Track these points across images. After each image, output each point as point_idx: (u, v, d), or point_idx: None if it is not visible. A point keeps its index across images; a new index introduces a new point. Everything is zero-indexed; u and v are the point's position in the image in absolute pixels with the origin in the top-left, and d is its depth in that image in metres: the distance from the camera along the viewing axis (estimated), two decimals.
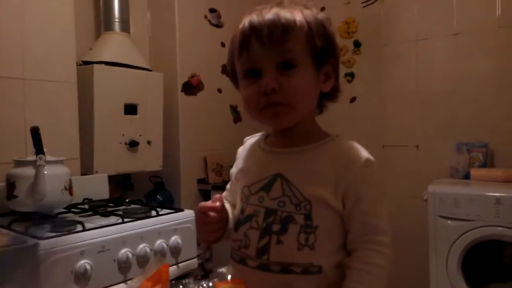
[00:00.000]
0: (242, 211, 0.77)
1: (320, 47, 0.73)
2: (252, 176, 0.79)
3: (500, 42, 2.15)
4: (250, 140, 0.88)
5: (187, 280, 0.61)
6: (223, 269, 0.69)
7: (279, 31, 0.70)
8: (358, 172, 0.72)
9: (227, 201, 0.85)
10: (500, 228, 1.76)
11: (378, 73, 2.53)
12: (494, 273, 1.93)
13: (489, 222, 1.79)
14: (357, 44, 2.58)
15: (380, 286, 0.69)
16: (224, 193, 0.88)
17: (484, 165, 2.13)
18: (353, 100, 2.60)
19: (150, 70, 2.14)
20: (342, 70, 2.61)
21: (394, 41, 2.47)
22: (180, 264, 1.53)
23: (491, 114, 2.17)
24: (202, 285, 0.60)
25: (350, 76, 2.61)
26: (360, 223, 0.72)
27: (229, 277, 0.74)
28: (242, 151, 0.88)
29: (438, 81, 2.32)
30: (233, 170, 0.88)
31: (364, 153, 0.74)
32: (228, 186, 0.90)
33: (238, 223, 0.77)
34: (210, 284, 0.60)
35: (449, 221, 1.89)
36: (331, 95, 0.80)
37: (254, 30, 0.71)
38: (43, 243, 1.20)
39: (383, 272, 0.70)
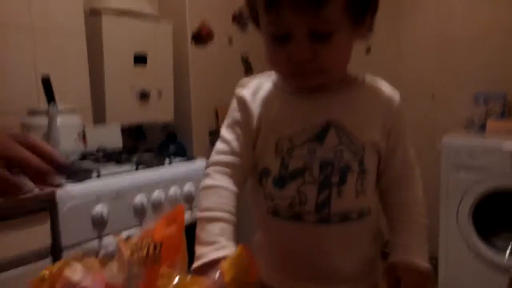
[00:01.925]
0: (284, 165, 0.69)
1: (360, 3, 0.64)
2: (289, 126, 0.70)
3: None
4: (258, 83, 0.76)
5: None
6: None
7: None
8: (397, 110, 0.74)
9: (225, 163, 0.71)
10: None
11: (396, 20, 2.43)
12: (504, 223, 1.94)
13: (503, 174, 1.78)
14: None
15: (424, 213, 0.77)
16: (225, 148, 0.73)
17: (501, 116, 2.08)
18: (368, 50, 2.52)
19: (158, 18, 2.09)
20: None
21: None
22: (194, 210, 1.56)
23: (511, 64, 2.09)
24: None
25: None
26: (400, 160, 0.74)
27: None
28: (252, 96, 0.74)
29: (458, 29, 2.23)
30: (242, 119, 0.73)
31: (396, 92, 0.75)
32: (229, 136, 0.73)
33: (282, 179, 0.70)
34: None
35: (462, 172, 1.88)
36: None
37: None
38: (60, 190, 1.22)
39: (424, 200, 0.77)
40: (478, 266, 1.86)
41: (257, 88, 0.75)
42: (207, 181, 0.70)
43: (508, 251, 1.86)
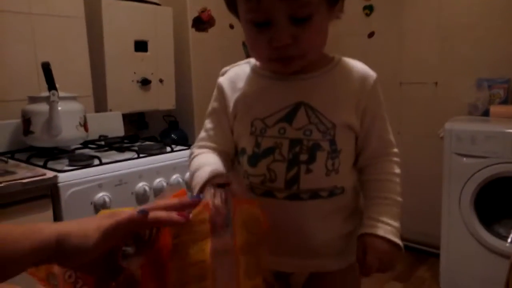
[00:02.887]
0: (257, 145, 0.73)
1: None
2: (264, 107, 0.73)
3: None
4: (236, 70, 0.79)
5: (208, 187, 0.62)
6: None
7: None
8: (372, 90, 0.74)
9: (206, 147, 0.78)
10: None
11: (398, 7, 2.39)
12: (507, 209, 1.94)
13: (506, 159, 1.77)
14: None
15: (400, 191, 0.76)
16: (205, 135, 0.80)
17: (505, 101, 2.06)
18: (371, 35, 2.49)
19: (159, 4, 2.07)
20: (361, 3, 2.48)
21: None
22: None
23: None
24: (217, 195, 0.60)
25: (369, 9, 2.47)
26: (377, 139, 0.76)
27: None
28: (229, 83, 0.78)
29: (461, 14, 2.20)
30: (219, 106, 0.79)
31: (371, 71, 0.76)
32: (208, 125, 0.80)
33: (255, 157, 0.73)
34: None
35: (464, 159, 1.88)
36: None
37: None
38: (62, 176, 1.23)
39: (400, 179, 0.76)
40: (480, 252, 1.87)
41: (235, 74, 0.79)
42: (194, 155, 0.77)
43: (510, 237, 1.86)
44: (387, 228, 0.71)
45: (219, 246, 0.56)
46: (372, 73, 0.75)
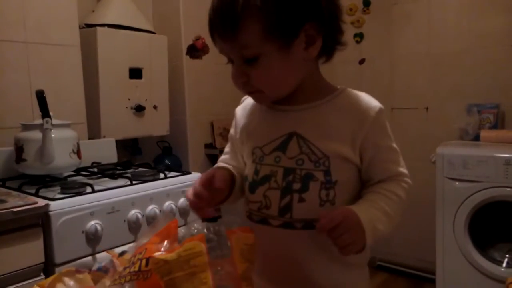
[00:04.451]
0: (256, 172, 0.75)
1: (283, 24, 0.65)
2: (262, 136, 0.75)
3: None
4: (249, 100, 0.83)
5: (195, 224, 0.62)
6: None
7: (229, 26, 0.65)
8: (373, 123, 0.71)
9: (228, 165, 0.84)
10: (508, 189, 1.76)
11: (388, 34, 2.46)
12: (501, 233, 1.94)
13: (498, 183, 1.78)
14: (366, 3, 2.50)
15: (395, 213, 0.70)
16: (223, 157, 0.87)
17: (495, 126, 2.10)
18: (362, 61, 2.54)
19: (153, 33, 2.10)
20: (351, 31, 2.54)
21: None
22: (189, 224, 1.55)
23: (503, 75, 2.11)
24: (209, 229, 0.60)
25: (359, 36, 2.54)
26: (382, 171, 0.73)
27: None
28: (241, 111, 0.84)
29: (450, 41, 2.26)
30: (233, 133, 0.84)
31: (375, 103, 0.73)
32: (226, 149, 0.87)
33: (254, 184, 0.75)
34: (218, 228, 0.61)
35: (457, 183, 1.89)
36: (332, 45, 0.74)
37: (211, 25, 0.69)
38: (53, 204, 1.22)
39: (401, 203, 0.72)
40: (475, 277, 1.85)
41: (248, 103, 0.83)
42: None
43: (505, 262, 1.85)
44: (365, 216, 0.66)
45: (222, 276, 0.56)
46: (374, 105, 0.72)
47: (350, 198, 0.73)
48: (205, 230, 0.59)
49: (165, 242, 0.59)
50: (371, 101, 0.73)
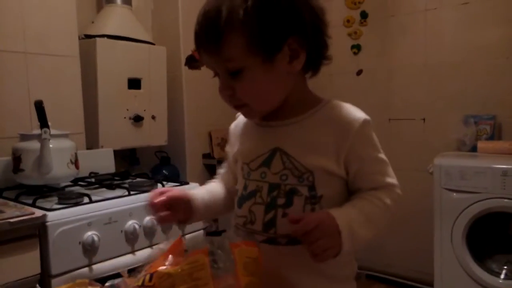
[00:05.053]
0: (245, 187, 0.76)
1: (265, 38, 0.65)
2: (249, 152, 0.77)
3: (510, 11, 2.09)
4: (242, 118, 0.83)
5: (200, 238, 0.62)
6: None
7: (212, 40, 0.66)
8: (356, 134, 0.70)
9: (223, 179, 0.88)
10: (506, 200, 1.76)
11: (385, 45, 2.48)
12: (498, 244, 1.94)
13: (495, 194, 1.78)
14: (364, 15, 2.52)
15: (379, 219, 0.69)
16: (220, 171, 0.91)
17: (491, 137, 2.10)
18: (359, 72, 2.56)
19: (153, 44, 2.12)
20: (349, 42, 2.56)
21: (402, 11, 2.41)
22: (187, 236, 1.54)
23: (500, 86, 2.13)
24: (213, 242, 0.60)
25: (357, 48, 2.56)
26: (369, 182, 0.72)
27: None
28: (234, 127, 0.86)
29: (447, 53, 2.28)
30: (229, 149, 0.86)
31: (359, 114, 0.72)
32: (224, 164, 0.90)
33: (241, 199, 0.77)
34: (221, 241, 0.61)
35: (454, 194, 1.89)
36: (317, 60, 0.73)
37: (197, 39, 0.69)
38: (51, 215, 1.21)
39: (387, 211, 0.70)
40: None
41: (240, 120, 0.85)
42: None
43: (503, 274, 1.85)
44: (343, 221, 0.64)
45: None
46: (358, 117, 0.71)
47: None
48: (208, 244, 0.59)
49: (170, 256, 0.59)
50: (355, 113, 0.72)
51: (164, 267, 0.55)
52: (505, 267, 1.87)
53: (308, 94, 0.77)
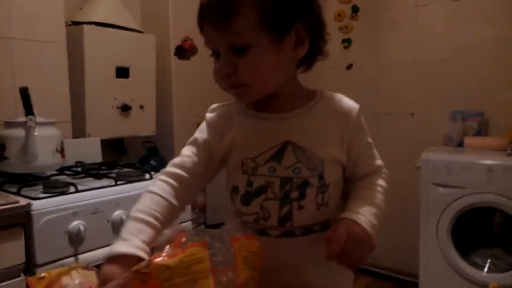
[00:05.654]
0: (250, 183, 0.73)
1: (278, 17, 0.66)
2: (253, 147, 0.73)
3: (500, 10, 2.11)
4: (227, 108, 0.79)
5: (199, 228, 0.61)
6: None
7: (223, 12, 0.64)
8: (356, 123, 0.75)
9: (175, 175, 0.74)
10: (491, 195, 1.79)
11: (376, 40, 2.48)
12: (482, 239, 1.97)
13: (481, 190, 1.81)
14: (355, 9, 2.52)
15: (382, 199, 0.76)
16: (177, 160, 0.76)
17: (478, 133, 2.13)
18: (349, 67, 2.56)
19: (141, 32, 2.08)
20: (339, 36, 2.56)
21: (393, 7, 2.41)
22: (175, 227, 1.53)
23: (488, 83, 2.15)
24: (213, 235, 0.58)
25: (347, 42, 2.56)
26: (364, 166, 0.77)
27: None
28: (217, 118, 0.78)
29: (436, 49, 2.29)
30: (205, 138, 0.77)
31: (353, 103, 0.77)
32: (187, 152, 0.77)
33: (247, 196, 0.73)
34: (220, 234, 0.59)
35: (441, 188, 1.91)
36: (314, 53, 0.74)
37: (203, 12, 0.68)
38: (35, 204, 1.19)
39: (385, 193, 0.77)
40: (457, 281, 1.88)
41: (226, 113, 0.79)
42: (151, 186, 0.73)
43: (486, 267, 1.88)
44: (363, 218, 0.69)
45: (224, 283, 0.55)
46: (353, 105, 0.76)
47: (339, 196, 0.77)
48: (208, 236, 0.58)
49: (167, 247, 0.57)
50: (349, 103, 0.77)
51: (161, 258, 0.54)
52: (489, 260, 1.91)
53: (301, 87, 0.78)
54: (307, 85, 0.79)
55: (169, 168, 0.75)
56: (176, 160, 0.77)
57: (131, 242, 0.62)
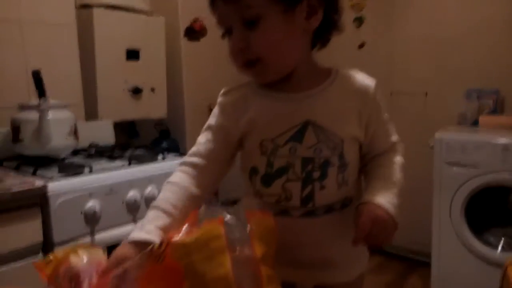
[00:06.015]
0: (270, 164, 0.72)
1: None
2: (272, 127, 0.72)
3: None
4: (241, 90, 0.77)
5: (214, 206, 0.61)
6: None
7: None
8: (373, 100, 0.75)
9: (193, 164, 0.74)
10: (506, 174, 1.76)
11: (389, 18, 2.43)
12: (496, 218, 1.96)
13: (496, 169, 1.79)
14: None
15: (400, 176, 0.77)
16: (194, 149, 0.76)
17: (494, 112, 2.09)
18: (361, 46, 2.52)
19: (151, 14, 2.07)
20: (351, 15, 2.51)
21: None
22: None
23: (504, 60, 2.10)
24: (229, 211, 0.58)
25: (359, 20, 2.51)
26: (382, 143, 0.78)
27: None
28: (233, 103, 0.76)
29: (451, 26, 2.23)
30: (226, 123, 0.76)
31: (370, 79, 0.76)
32: (202, 140, 0.77)
33: (268, 177, 0.73)
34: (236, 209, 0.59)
35: (455, 168, 1.89)
36: (329, 27, 0.73)
37: None
38: (51, 185, 1.21)
39: (403, 168, 0.78)
40: (470, 260, 1.87)
41: (240, 95, 0.77)
42: (170, 177, 0.73)
43: (500, 246, 1.87)
44: (384, 200, 0.70)
45: (240, 259, 0.55)
46: (370, 82, 0.75)
47: (356, 173, 0.77)
48: (224, 213, 0.58)
49: (185, 226, 0.58)
50: (366, 79, 0.76)
51: (177, 237, 0.54)
52: (503, 239, 1.90)
53: (316, 65, 0.77)
54: (323, 64, 0.78)
55: (186, 158, 0.76)
56: (192, 149, 0.77)
57: (145, 228, 0.64)
